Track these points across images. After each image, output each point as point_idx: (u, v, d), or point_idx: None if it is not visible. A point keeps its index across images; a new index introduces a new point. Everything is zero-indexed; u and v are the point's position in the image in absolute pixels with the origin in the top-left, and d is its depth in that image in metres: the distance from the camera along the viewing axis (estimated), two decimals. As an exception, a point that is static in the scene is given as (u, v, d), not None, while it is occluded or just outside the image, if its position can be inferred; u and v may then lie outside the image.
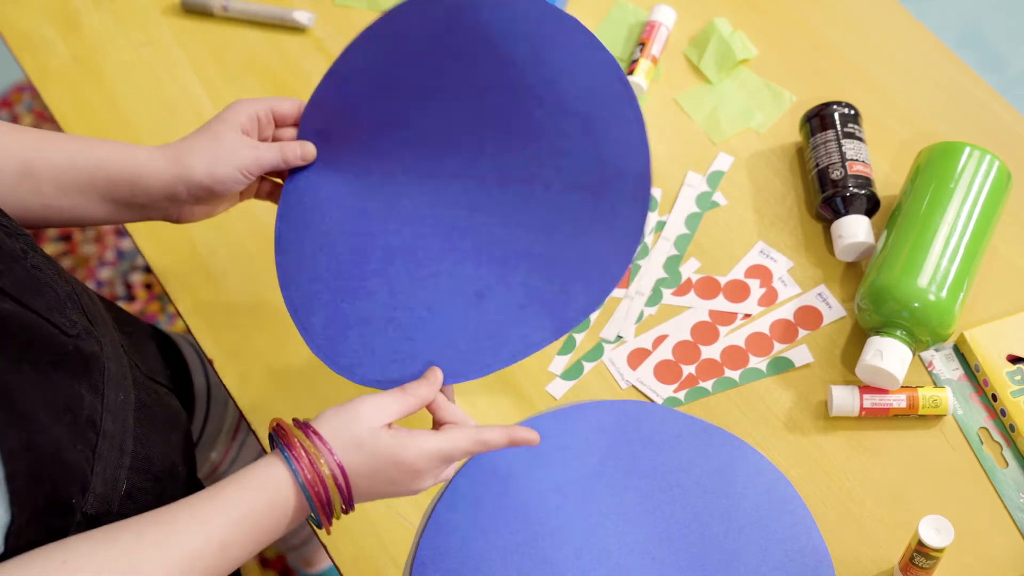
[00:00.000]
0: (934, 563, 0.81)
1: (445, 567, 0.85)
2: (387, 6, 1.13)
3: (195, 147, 0.81)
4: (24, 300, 0.66)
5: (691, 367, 0.94)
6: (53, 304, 0.70)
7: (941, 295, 0.89)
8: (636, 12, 1.12)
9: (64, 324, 0.70)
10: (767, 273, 0.98)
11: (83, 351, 0.72)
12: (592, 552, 0.86)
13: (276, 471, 0.71)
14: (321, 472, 0.71)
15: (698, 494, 0.88)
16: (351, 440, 0.72)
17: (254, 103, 0.84)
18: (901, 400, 0.89)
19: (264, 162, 0.83)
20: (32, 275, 0.69)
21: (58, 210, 0.81)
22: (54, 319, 0.69)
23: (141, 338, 0.94)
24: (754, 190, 1.02)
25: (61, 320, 0.70)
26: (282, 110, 0.86)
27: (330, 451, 0.71)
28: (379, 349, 0.83)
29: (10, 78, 2.04)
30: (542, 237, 0.83)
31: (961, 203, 0.92)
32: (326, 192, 0.88)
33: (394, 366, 0.82)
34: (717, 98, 1.07)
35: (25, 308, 0.66)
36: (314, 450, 0.71)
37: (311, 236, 0.87)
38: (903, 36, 1.10)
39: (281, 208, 0.88)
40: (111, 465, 0.73)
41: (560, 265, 0.82)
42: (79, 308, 0.74)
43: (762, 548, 0.85)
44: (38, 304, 0.67)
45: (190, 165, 0.80)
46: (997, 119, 1.05)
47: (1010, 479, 0.88)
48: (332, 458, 0.71)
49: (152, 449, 0.80)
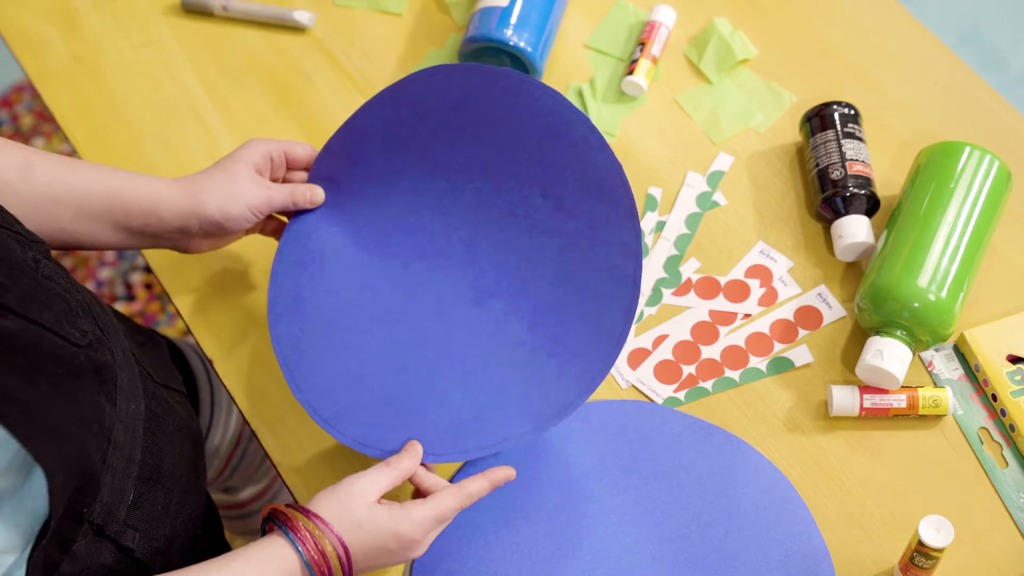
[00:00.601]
0: (934, 563, 0.81)
1: (445, 567, 0.85)
2: (387, 7, 1.13)
3: (210, 184, 0.84)
4: (30, 314, 0.66)
5: (691, 367, 0.94)
6: (62, 315, 0.70)
7: (941, 295, 0.89)
8: (636, 12, 1.12)
9: (73, 335, 0.70)
10: (767, 273, 0.98)
11: (95, 361, 0.72)
12: (592, 552, 0.86)
13: (281, 551, 0.74)
14: (325, 551, 0.74)
15: (698, 494, 0.88)
16: (351, 520, 0.75)
17: (269, 143, 0.87)
18: (901, 400, 0.89)
19: (274, 202, 0.87)
20: (42, 286, 0.70)
21: (71, 234, 0.84)
22: (63, 331, 0.69)
23: (152, 347, 0.94)
24: (754, 190, 1.02)
25: (71, 331, 0.70)
26: (295, 153, 0.89)
27: (332, 531, 0.74)
28: (362, 410, 0.85)
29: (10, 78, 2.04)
30: (532, 328, 0.86)
31: (961, 203, 0.92)
32: (328, 239, 0.90)
33: (375, 431, 0.84)
34: (717, 98, 1.07)
35: (31, 322, 0.66)
36: (318, 532, 0.74)
37: (307, 280, 0.89)
38: (903, 36, 1.10)
39: (281, 246, 0.90)
40: (119, 475, 0.73)
41: (548, 357, 0.84)
42: (90, 317, 0.75)
43: (762, 548, 0.85)
44: (46, 316, 0.67)
45: (204, 201, 0.84)
46: (997, 119, 1.05)
47: (1010, 479, 0.88)
48: (335, 538, 0.74)
49: (161, 459, 0.80)
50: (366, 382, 0.86)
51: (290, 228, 0.90)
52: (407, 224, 0.90)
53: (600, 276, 0.85)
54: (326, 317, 0.88)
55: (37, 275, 0.70)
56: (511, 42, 1.02)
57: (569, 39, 1.11)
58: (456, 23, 1.12)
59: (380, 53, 1.11)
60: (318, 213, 0.90)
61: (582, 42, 1.11)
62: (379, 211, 0.90)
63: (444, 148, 0.89)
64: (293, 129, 1.06)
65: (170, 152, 1.06)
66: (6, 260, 0.66)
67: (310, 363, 0.86)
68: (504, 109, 0.87)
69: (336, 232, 0.90)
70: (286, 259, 0.90)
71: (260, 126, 1.07)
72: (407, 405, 0.85)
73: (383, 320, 0.87)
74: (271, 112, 1.08)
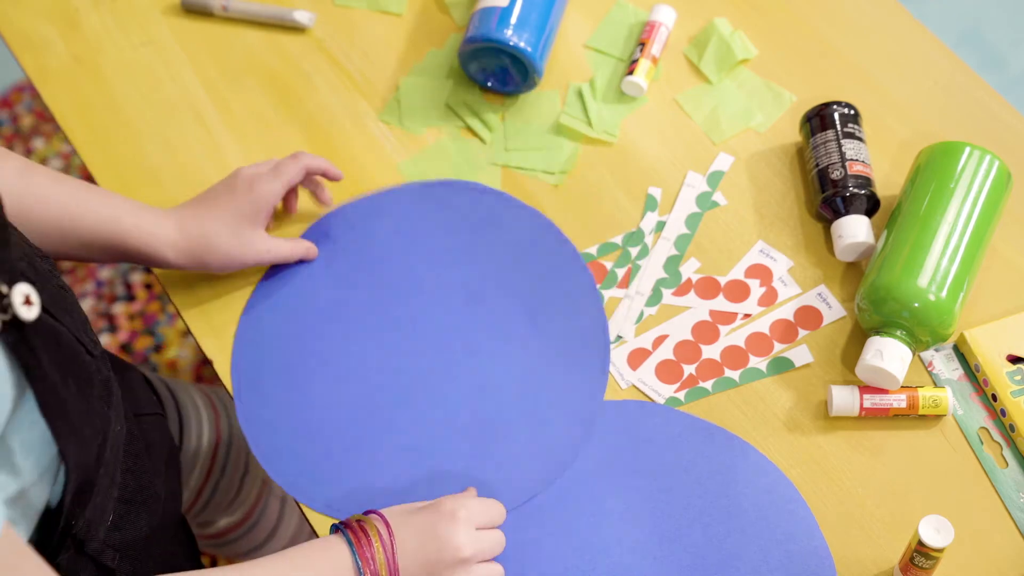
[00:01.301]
0: (934, 563, 0.80)
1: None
2: (387, 7, 1.13)
3: (214, 246, 0.89)
4: (57, 315, 0.66)
5: (692, 367, 0.94)
6: (79, 324, 0.71)
7: (941, 295, 0.89)
8: (636, 12, 1.12)
9: (89, 344, 0.71)
10: (767, 273, 0.98)
11: (102, 373, 0.72)
12: (593, 551, 0.86)
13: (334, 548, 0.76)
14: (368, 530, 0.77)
15: (700, 494, 0.88)
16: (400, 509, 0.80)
17: (282, 185, 0.92)
18: (901, 400, 0.89)
19: (275, 257, 0.93)
20: (60, 295, 0.70)
21: (66, 255, 0.88)
22: (82, 338, 0.70)
23: (124, 371, 0.95)
24: (754, 190, 1.02)
25: (87, 339, 0.71)
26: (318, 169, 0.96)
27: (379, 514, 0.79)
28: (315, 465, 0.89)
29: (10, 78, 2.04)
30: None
31: (961, 203, 0.92)
32: (312, 286, 0.96)
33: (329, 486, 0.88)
34: (717, 98, 1.07)
35: (61, 324, 0.66)
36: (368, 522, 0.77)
37: (281, 317, 0.95)
38: (903, 36, 1.10)
39: (266, 278, 0.97)
40: (102, 493, 0.73)
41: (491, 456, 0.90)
42: (93, 333, 0.76)
43: (763, 548, 0.85)
44: (67, 322, 0.68)
45: (207, 263, 0.90)
46: (997, 119, 1.05)
47: (1010, 479, 0.88)
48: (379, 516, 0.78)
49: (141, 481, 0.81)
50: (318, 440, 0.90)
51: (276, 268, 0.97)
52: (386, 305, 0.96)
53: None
54: (289, 363, 0.94)
55: (55, 284, 0.71)
56: (511, 42, 1.02)
57: (569, 39, 1.11)
58: (456, 23, 1.12)
59: (380, 53, 1.11)
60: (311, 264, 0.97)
61: (582, 42, 1.11)
62: (369, 283, 0.97)
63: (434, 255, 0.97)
64: (293, 129, 1.06)
65: (170, 152, 1.05)
66: (33, 266, 0.67)
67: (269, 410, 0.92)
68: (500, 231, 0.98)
69: (321, 284, 0.96)
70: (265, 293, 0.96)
71: (260, 126, 1.07)
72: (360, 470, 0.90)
73: (347, 381, 0.93)
74: (271, 112, 1.08)
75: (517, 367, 0.92)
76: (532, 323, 0.94)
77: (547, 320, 0.94)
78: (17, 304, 0.58)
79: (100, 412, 0.71)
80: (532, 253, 0.97)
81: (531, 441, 0.89)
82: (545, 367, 0.92)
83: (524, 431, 0.90)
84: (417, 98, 1.07)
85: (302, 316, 0.95)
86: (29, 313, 0.59)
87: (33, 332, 0.61)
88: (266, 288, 0.96)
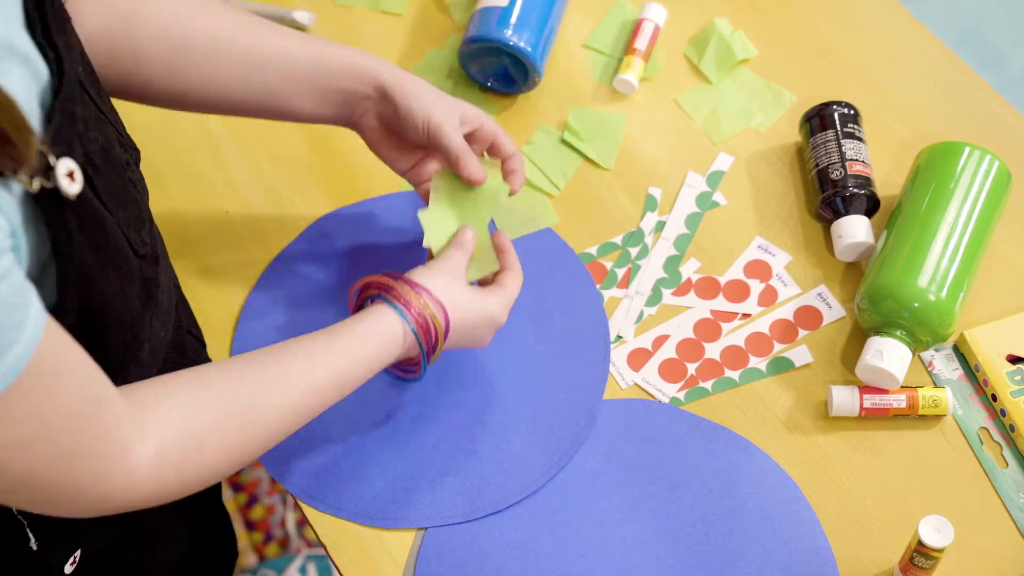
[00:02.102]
0: (934, 563, 0.80)
1: (449, 561, 0.85)
2: (387, 7, 1.13)
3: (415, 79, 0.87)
4: (110, 206, 0.66)
5: (694, 365, 0.94)
6: (133, 219, 0.71)
7: (941, 295, 0.89)
8: (636, 12, 1.12)
9: (137, 241, 0.71)
10: (766, 269, 0.98)
11: (144, 274, 0.72)
12: (596, 550, 0.86)
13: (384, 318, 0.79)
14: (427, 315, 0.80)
15: (703, 493, 0.88)
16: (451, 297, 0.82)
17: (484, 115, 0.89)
18: (901, 400, 0.89)
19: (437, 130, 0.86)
20: (125, 186, 0.70)
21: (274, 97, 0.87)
22: (129, 235, 0.70)
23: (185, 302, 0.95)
24: (754, 190, 1.02)
25: (135, 238, 0.71)
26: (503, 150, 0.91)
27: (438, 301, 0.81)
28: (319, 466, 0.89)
29: (10, 78, 2.03)
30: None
31: (961, 203, 0.92)
32: (310, 289, 0.96)
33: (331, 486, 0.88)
34: (717, 98, 1.07)
35: (108, 212, 0.66)
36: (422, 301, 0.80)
37: (280, 320, 0.95)
38: (903, 36, 1.10)
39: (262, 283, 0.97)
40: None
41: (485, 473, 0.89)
42: (152, 235, 0.75)
43: (766, 549, 0.85)
44: (119, 215, 0.68)
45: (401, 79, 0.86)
46: (997, 119, 1.05)
47: (1010, 479, 0.88)
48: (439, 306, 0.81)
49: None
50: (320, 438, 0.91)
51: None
52: None
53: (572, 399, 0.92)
54: None
55: (125, 175, 0.71)
56: (511, 42, 1.02)
57: (569, 39, 1.11)
58: (456, 23, 1.12)
59: (380, 53, 1.10)
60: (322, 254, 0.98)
61: (582, 42, 1.11)
62: None
63: None
64: (293, 129, 1.06)
65: (171, 152, 1.05)
66: (105, 151, 0.67)
67: None
68: None
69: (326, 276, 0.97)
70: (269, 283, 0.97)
71: (260, 126, 1.07)
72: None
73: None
74: (271, 112, 1.07)
75: (516, 363, 0.92)
76: (531, 321, 0.94)
77: (547, 318, 0.94)
78: (60, 175, 0.58)
79: (135, 309, 0.71)
80: (532, 257, 0.97)
81: (532, 436, 0.89)
82: (545, 363, 0.92)
83: (525, 425, 0.90)
84: (417, 98, 1.07)
85: (301, 318, 0.95)
86: (71, 187, 0.59)
87: (72, 210, 0.60)
88: (264, 292, 0.96)
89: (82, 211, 0.61)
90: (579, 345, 0.93)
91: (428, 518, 0.86)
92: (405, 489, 0.88)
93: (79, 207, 0.61)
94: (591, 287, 0.96)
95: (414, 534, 0.87)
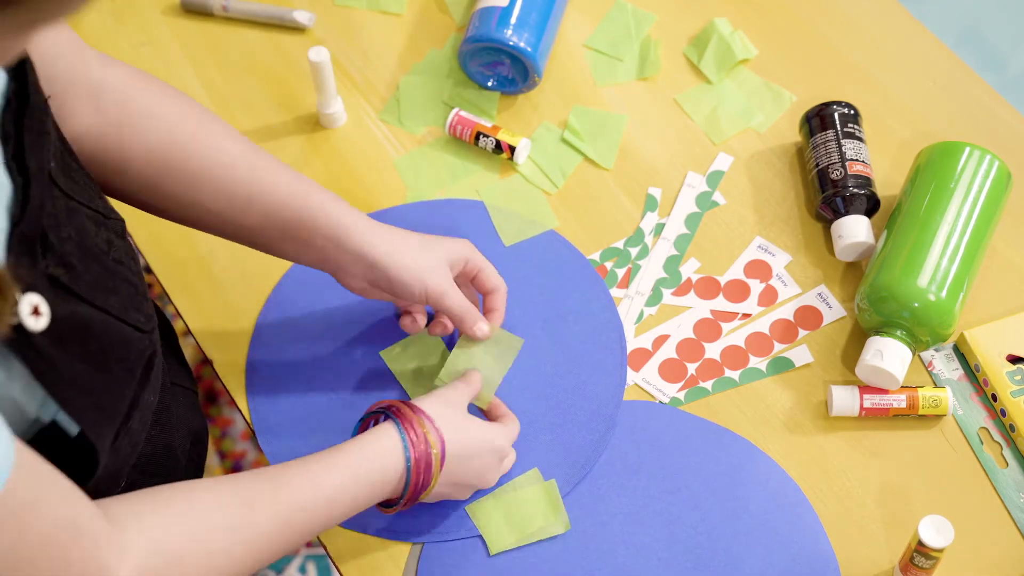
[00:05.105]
0: (934, 563, 0.80)
1: (451, 563, 0.85)
2: (387, 7, 1.13)
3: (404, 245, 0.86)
4: (98, 301, 0.66)
5: (694, 365, 0.94)
6: (128, 301, 0.70)
7: (941, 295, 0.89)
8: (636, 12, 1.12)
9: (139, 320, 0.70)
10: (766, 268, 0.98)
11: (146, 348, 0.72)
12: (599, 552, 0.85)
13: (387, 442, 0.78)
14: (430, 449, 0.79)
15: (705, 496, 0.88)
16: (453, 425, 0.81)
17: (475, 253, 0.89)
18: (901, 400, 0.89)
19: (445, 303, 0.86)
20: (111, 271, 0.69)
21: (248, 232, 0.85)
22: (129, 318, 0.69)
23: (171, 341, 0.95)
24: (754, 190, 1.02)
25: (137, 317, 0.70)
26: (487, 281, 0.90)
27: (437, 431, 0.80)
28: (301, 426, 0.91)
29: (10, 78, 2.03)
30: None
31: (961, 203, 0.92)
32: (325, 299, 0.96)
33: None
34: (717, 98, 1.07)
35: (99, 309, 0.66)
36: (425, 428, 0.80)
37: (295, 330, 0.95)
38: (903, 36, 1.10)
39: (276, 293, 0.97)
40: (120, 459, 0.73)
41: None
42: (150, 302, 0.75)
43: (769, 551, 0.85)
44: (112, 303, 0.67)
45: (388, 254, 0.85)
46: (997, 119, 1.05)
47: (1010, 479, 0.88)
48: (437, 437, 0.80)
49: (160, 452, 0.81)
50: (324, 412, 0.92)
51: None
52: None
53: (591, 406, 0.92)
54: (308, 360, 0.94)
55: (108, 260, 0.70)
56: (511, 42, 1.02)
57: (569, 39, 1.11)
58: (456, 23, 1.12)
59: (380, 53, 1.11)
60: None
61: (582, 42, 1.11)
62: None
63: None
64: (293, 129, 1.06)
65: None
66: (81, 244, 0.66)
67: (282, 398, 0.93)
68: None
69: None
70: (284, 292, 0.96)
71: (260, 126, 1.07)
72: None
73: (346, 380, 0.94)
74: (271, 112, 1.07)
75: (534, 372, 0.92)
76: (546, 329, 0.94)
77: (561, 325, 0.94)
78: (24, 315, 0.58)
79: (131, 392, 0.71)
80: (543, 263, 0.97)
81: (555, 445, 0.89)
82: (563, 371, 0.92)
83: (546, 435, 0.90)
84: (417, 97, 1.08)
85: (316, 328, 0.95)
86: (36, 324, 0.59)
87: (49, 335, 0.60)
88: (277, 302, 0.96)
89: (61, 334, 0.61)
90: (596, 351, 0.93)
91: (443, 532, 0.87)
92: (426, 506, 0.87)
93: (55, 332, 0.61)
94: (604, 292, 0.96)
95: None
